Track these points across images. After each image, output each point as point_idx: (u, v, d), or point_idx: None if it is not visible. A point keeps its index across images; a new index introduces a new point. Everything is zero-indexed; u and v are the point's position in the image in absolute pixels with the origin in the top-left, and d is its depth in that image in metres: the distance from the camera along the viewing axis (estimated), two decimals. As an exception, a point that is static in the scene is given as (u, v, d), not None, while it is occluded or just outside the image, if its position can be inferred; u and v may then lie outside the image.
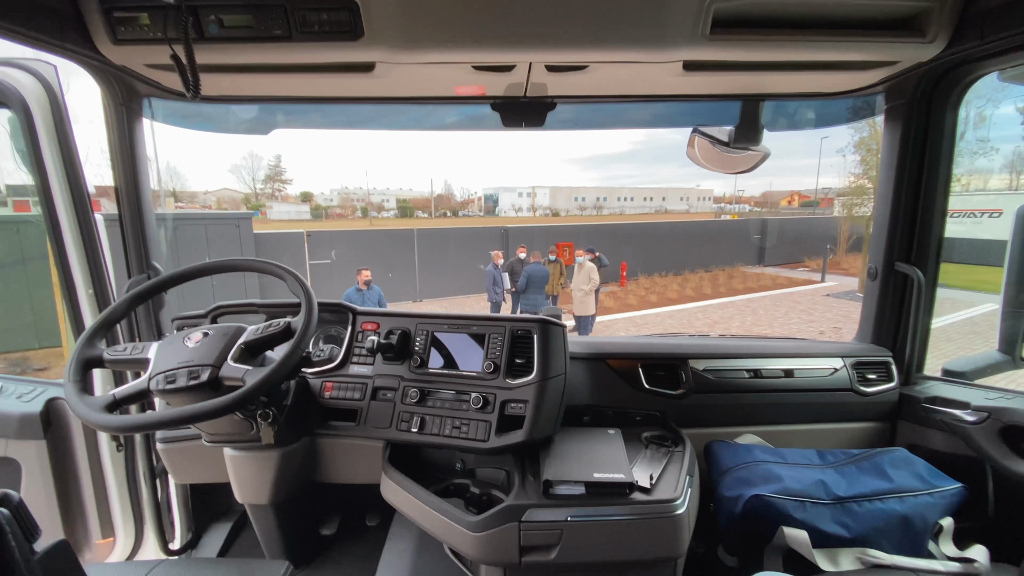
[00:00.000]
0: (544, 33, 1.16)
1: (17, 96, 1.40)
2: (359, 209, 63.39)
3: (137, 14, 1.15)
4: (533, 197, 69.48)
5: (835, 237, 19.56)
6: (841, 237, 19.32)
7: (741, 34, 1.21)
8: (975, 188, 13.16)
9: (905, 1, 1.18)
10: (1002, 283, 1.49)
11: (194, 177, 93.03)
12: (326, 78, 1.40)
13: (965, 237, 11.15)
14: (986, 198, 11.42)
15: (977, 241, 8.77)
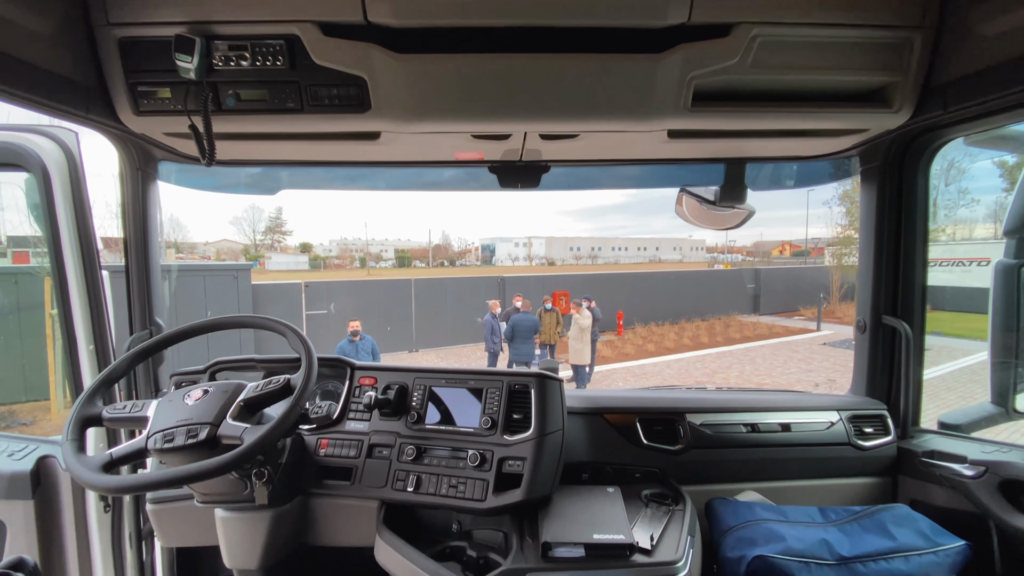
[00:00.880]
0: (538, 106, 1.26)
1: (37, 160, 1.47)
2: (357, 259, 64.08)
3: (160, 88, 1.24)
4: (529, 247, 70.64)
5: (827, 286, 19.83)
6: (833, 286, 19.59)
7: (720, 106, 1.31)
8: (961, 237, 13.53)
9: (871, 76, 1.29)
10: (988, 335, 1.53)
11: (195, 228, 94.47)
12: (333, 144, 1.48)
13: (956, 286, 11.33)
14: (972, 247, 11.72)
15: (968, 289, 8.94)
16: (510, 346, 9.71)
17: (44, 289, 6.47)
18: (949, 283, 11.43)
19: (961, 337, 10.16)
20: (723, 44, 1.21)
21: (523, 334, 9.63)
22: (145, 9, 1.15)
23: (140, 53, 1.20)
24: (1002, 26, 1.11)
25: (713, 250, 66.56)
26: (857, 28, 1.23)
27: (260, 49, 1.18)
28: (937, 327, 11.20)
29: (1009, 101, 1.17)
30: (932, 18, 1.23)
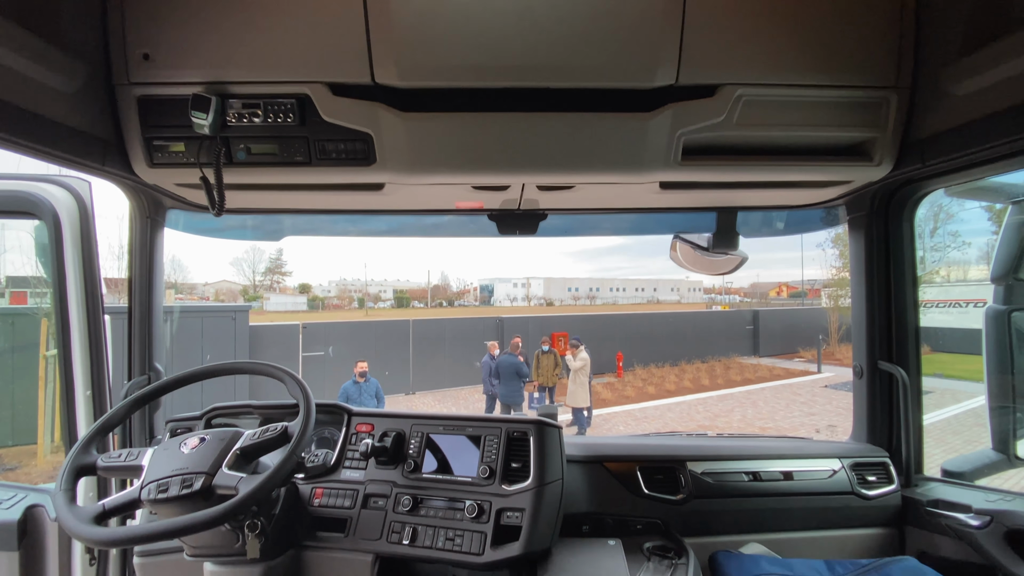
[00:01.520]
0: (535, 160, 1.32)
1: (49, 209, 1.52)
2: (356, 300, 64.12)
3: (174, 142, 1.30)
4: (527, 287, 70.93)
5: (826, 328, 19.81)
6: (831, 327, 19.57)
7: (710, 159, 1.38)
8: (956, 279, 13.65)
9: (852, 132, 1.36)
10: (984, 382, 1.53)
11: (196, 269, 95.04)
12: (338, 194, 1.54)
13: (955, 327, 11.33)
14: (967, 288, 11.81)
15: (967, 331, 8.95)
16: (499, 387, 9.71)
17: (40, 330, 6.43)
18: (947, 324, 11.44)
19: (963, 379, 10.07)
20: (710, 103, 1.28)
21: (507, 375, 9.62)
22: (165, 70, 1.23)
23: (157, 110, 1.26)
24: (972, 87, 1.18)
25: (711, 291, 66.87)
26: (835, 88, 1.31)
27: (272, 107, 1.25)
28: (938, 369, 11.12)
29: (983, 156, 1.23)
30: (906, 79, 1.32)
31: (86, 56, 1.17)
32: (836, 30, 1.27)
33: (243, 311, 12.21)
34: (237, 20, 1.20)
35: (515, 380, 9.65)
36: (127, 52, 1.22)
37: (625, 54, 1.22)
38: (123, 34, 1.21)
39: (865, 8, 1.27)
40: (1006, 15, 1.08)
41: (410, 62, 1.21)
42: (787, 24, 1.25)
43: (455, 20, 1.19)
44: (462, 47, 1.20)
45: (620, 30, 1.21)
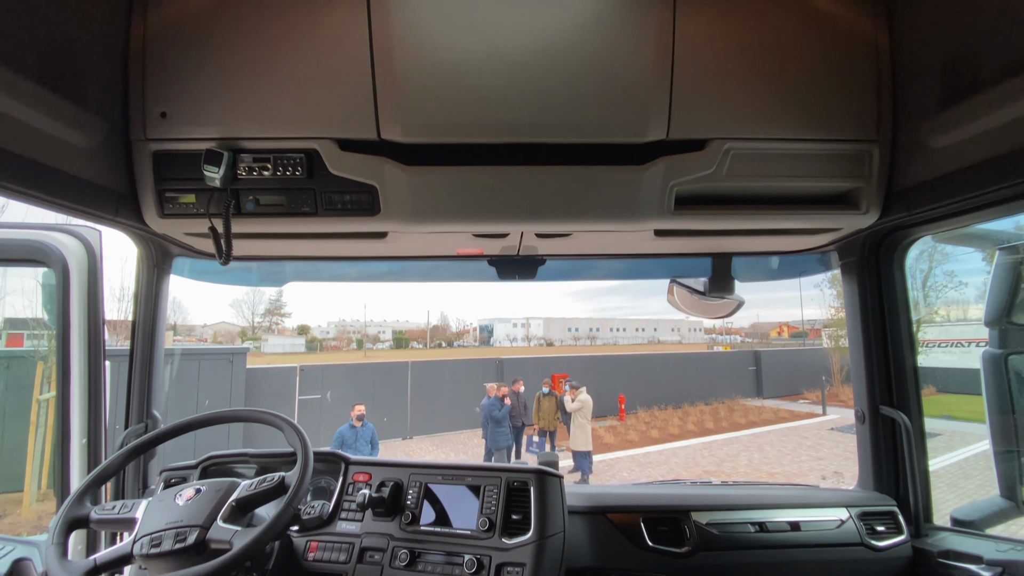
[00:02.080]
0: (533, 211, 1.37)
1: (59, 257, 1.55)
2: (354, 341, 63.74)
3: (185, 194, 1.34)
4: (527, 328, 70.69)
5: (828, 368, 19.60)
6: (834, 368, 19.37)
7: (702, 208, 1.43)
8: (956, 318, 13.62)
9: (838, 182, 1.42)
10: (987, 427, 1.52)
11: (196, 310, 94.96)
12: (342, 242, 1.58)
13: (959, 367, 11.21)
14: (968, 328, 11.78)
15: (971, 371, 8.86)
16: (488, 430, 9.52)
17: (35, 374, 6.36)
18: (951, 364, 11.32)
19: (971, 421, 9.88)
20: (700, 156, 1.34)
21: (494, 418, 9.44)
22: (181, 127, 1.29)
23: (171, 164, 1.32)
24: (951, 139, 1.24)
25: (711, 332, 66.64)
26: (819, 142, 1.37)
27: (282, 161, 1.31)
28: (946, 410, 10.93)
29: (967, 204, 1.28)
30: (886, 133, 1.38)
31: (105, 114, 1.23)
32: (817, 87, 1.35)
33: (240, 353, 12.12)
34: (252, 80, 1.28)
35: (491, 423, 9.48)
36: (145, 110, 1.29)
37: (618, 112, 1.29)
38: (142, 93, 1.28)
39: (843, 66, 1.36)
40: (977, 73, 1.15)
41: (414, 120, 1.28)
42: (770, 82, 1.33)
43: (457, 81, 1.26)
44: (463, 106, 1.27)
45: (612, 90, 1.28)
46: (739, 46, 1.32)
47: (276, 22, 1.28)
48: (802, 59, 1.34)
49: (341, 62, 1.27)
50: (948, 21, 1.21)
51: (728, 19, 1.32)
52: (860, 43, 1.36)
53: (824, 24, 1.35)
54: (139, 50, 1.28)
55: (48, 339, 6.67)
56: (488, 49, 1.27)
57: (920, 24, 1.29)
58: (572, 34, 1.27)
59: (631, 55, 1.28)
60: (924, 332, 13.77)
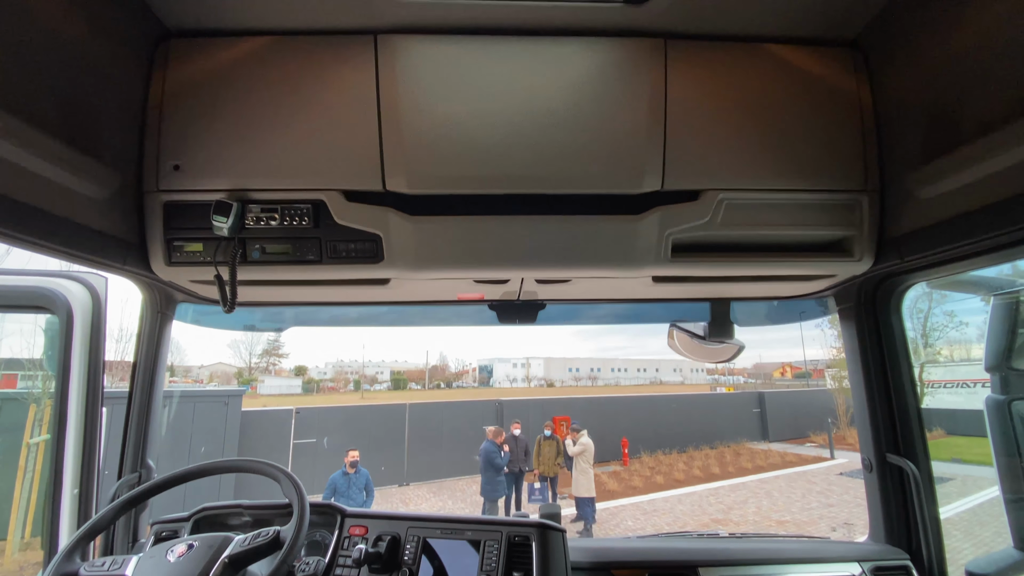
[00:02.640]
0: (533, 258, 1.40)
1: (64, 304, 1.56)
2: (352, 382, 62.87)
3: (193, 243, 1.37)
4: (527, 368, 69.88)
5: (834, 410, 19.25)
6: (839, 410, 19.02)
7: (698, 256, 1.46)
8: (959, 358, 13.47)
9: (831, 230, 1.45)
10: (996, 475, 1.49)
11: (193, 351, 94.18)
12: (345, 288, 1.60)
13: (966, 409, 10.99)
14: (972, 368, 11.65)
15: (979, 412, 8.67)
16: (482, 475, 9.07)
17: (27, 416, 6.22)
18: (958, 406, 11.12)
19: (983, 464, 9.61)
20: (694, 206, 1.39)
21: (489, 463, 9.01)
22: (193, 179, 1.34)
23: (180, 214, 1.35)
24: (938, 189, 1.28)
25: (714, 372, 65.87)
26: (810, 192, 1.42)
27: (289, 211, 1.35)
28: (955, 454, 10.64)
29: (957, 253, 1.30)
30: (874, 183, 1.43)
31: (120, 166, 1.28)
32: (805, 140, 1.41)
33: (236, 395, 11.92)
34: (263, 134, 1.33)
35: (491, 471, 9.01)
36: (159, 163, 1.34)
37: (613, 165, 1.35)
38: (157, 147, 1.34)
39: (829, 120, 1.42)
40: (958, 126, 1.20)
41: (418, 172, 1.33)
42: (759, 135, 1.39)
43: (460, 136, 1.32)
44: (466, 159, 1.33)
45: (608, 144, 1.34)
46: (728, 102, 1.39)
47: (288, 80, 1.35)
48: (788, 114, 1.41)
49: (350, 118, 1.33)
50: (927, 77, 1.28)
51: (717, 78, 1.40)
52: (843, 98, 1.43)
53: (807, 81, 1.43)
54: (156, 106, 1.34)
55: (43, 380, 6.57)
56: (489, 106, 1.33)
57: (900, 80, 1.36)
58: (568, 92, 1.35)
59: (625, 111, 1.35)
60: (928, 373, 13.61)
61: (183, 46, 1.36)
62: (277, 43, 1.36)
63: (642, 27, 1.35)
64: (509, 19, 1.33)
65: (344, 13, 1.30)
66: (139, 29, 1.30)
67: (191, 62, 1.35)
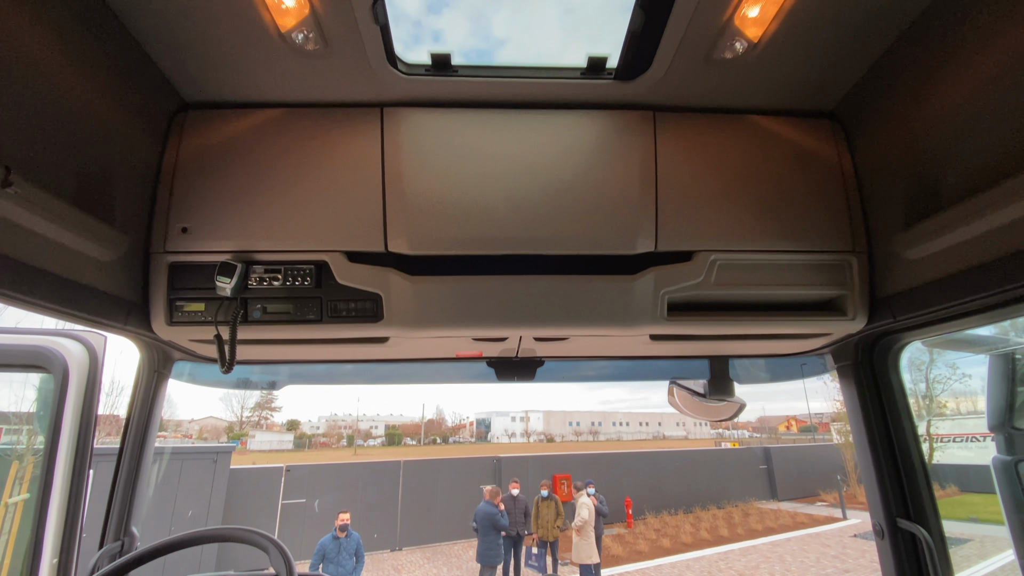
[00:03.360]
0: (531, 317, 1.41)
1: (61, 363, 1.56)
2: (345, 437, 60.99)
3: (195, 303, 1.39)
4: (526, 421, 68.09)
5: (842, 467, 18.65)
6: (848, 466, 18.42)
7: (694, 315, 1.48)
8: (966, 411, 13.19)
9: (823, 290, 1.48)
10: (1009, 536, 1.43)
11: (184, 403, 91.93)
12: (343, 347, 1.60)
13: (978, 464, 10.65)
14: (980, 420, 11.39)
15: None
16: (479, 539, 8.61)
17: (8, 473, 5.98)
18: (970, 461, 10.77)
19: (1001, 524, 9.18)
20: (688, 267, 1.42)
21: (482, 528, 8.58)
22: (200, 241, 1.38)
23: (185, 274, 1.38)
24: (925, 251, 1.31)
25: (718, 426, 64.24)
26: (800, 253, 1.46)
27: (292, 272, 1.38)
28: (972, 512, 10.21)
29: (948, 313, 1.32)
30: (862, 245, 1.47)
31: (129, 230, 1.32)
32: (792, 204, 1.47)
33: (225, 452, 11.52)
34: (270, 198, 1.39)
35: (492, 534, 8.56)
36: (168, 226, 1.38)
37: (608, 227, 1.40)
38: (167, 211, 1.38)
39: (814, 185, 1.49)
40: (938, 192, 1.25)
41: (420, 234, 1.37)
42: (747, 199, 1.45)
43: (460, 200, 1.38)
44: (466, 222, 1.38)
45: (602, 208, 1.40)
46: (715, 168, 1.47)
47: (297, 148, 1.42)
48: (774, 179, 1.48)
49: (355, 183, 1.40)
50: (904, 145, 1.35)
51: (704, 146, 1.48)
52: (825, 165, 1.50)
53: (790, 149, 1.51)
54: (169, 172, 1.40)
55: (28, 435, 6.37)
56: (488, 172, 1.40)
57: (878, 148, 1.43)
58: (563, 159, 1.42)
59: (618, 177, 1.42)
60: (936, 427, 13.29)
61: (199, 117, 1.44)
62: (288, 114, 1.45)
63: (632, 101, 1.45)
64: (507, 94, 1.43)
65: (354, 88, 1.40)
66: (159, 101, 1.38)
67: (205, 131, 1.43)
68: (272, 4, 1.13)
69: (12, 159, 0.96)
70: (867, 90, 1.42)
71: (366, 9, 1.13)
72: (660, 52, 1.28)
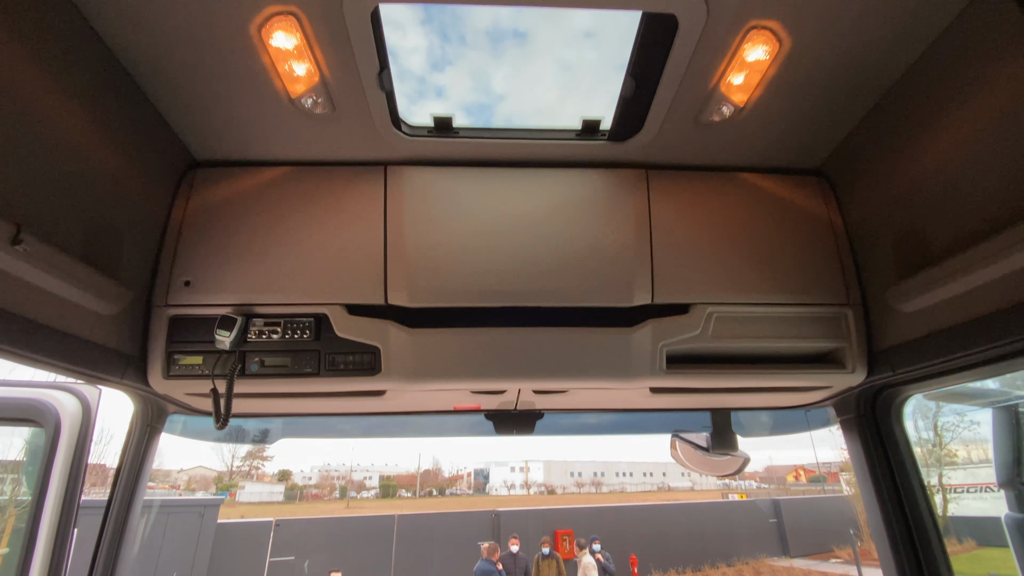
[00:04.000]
0: (530, 369, 1.41)
1: (54, 417, 1.53)
2: (338, 488, 58.73)
3: (193, 356, 1.38)
4: (526, 472, 65.81)
5: (855, 519, 17.90)
6: (860, 519, 17.66)
7: (694, 368, 1.47)
8: (978, 459, 12.80)
9: (821, 342, 1.48)
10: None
11: (173, 452, 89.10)
12: (339, 400, 1.58)
13: (995, 516, 10.19)
14: (992, 470, 11.00)
15: (1010, 520, 8.04)
16: None
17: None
18: (985, 512, 10.33)
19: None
20: (685, 319, 1.44)
21: None
22: (201, 295, 1.39)
23: (184, 327, 1.39)
24: (917, 305, 1.32)
25: (724, 477, 61.88)
26: (796, 306, 1.48)
27: (291, 325, 1.38)
28: (991, 568, 9.69)
29: (948, 366, 1.31)
30: (856, 297, 1.49)
31: (133, 284, 1.33)
32: (785, 258, 1.50)
33: (213, 505, 11.10)
34: (274, 253, 1.42)
35: None
36: (171, 279, 1.40)
37: (605, 280, 1.42)
38: (171, 265, 1.41)
39: (805, 240, 1.52)
40: (927, 246, 1.28)
41: (420, 286, 1.40)
42: (741, 253, 1.49)
43: (461, 253, 1.41)
44: (466, 274, 1.41)
45: (600, 261, 1.43)
46: (708, 223, 1.51)
47: (302, 204, 1.47)
48: (766, 234, 1.51)
49: (358, 238, 1.43)
50: (891, 201, 1.39)
51: (696, 202, 1.53)
52: (815, 220, 1.55)
53: (780, 205, 1.56)
54: (176, 227, 1.44)
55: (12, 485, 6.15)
56: (488, 227, 1.44)
57: (865, 204, 1.48)
58: (560, 214, 1.47)
59: (613, 232, 1.46)
60: (948, 477, 12.86)
61: (207, 174, 1.49)
62: (295, 171, 1.51)
63: (625, 160, 1.51)
64: (506, 154, 1.49)
65: (359, 149, 1.46)
66: (169, 160, 1.43)
67: (213, 188, 1.48)
68: (284, 72, 1.20)
69: (24, 216, 0.98)
70: (852, 149, 1.48)
71: (372, 77, 1.20)
72: (651, 116, 1.35)
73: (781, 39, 1.14)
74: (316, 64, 1.17)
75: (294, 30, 1.09)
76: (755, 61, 1.20)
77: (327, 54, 1.15)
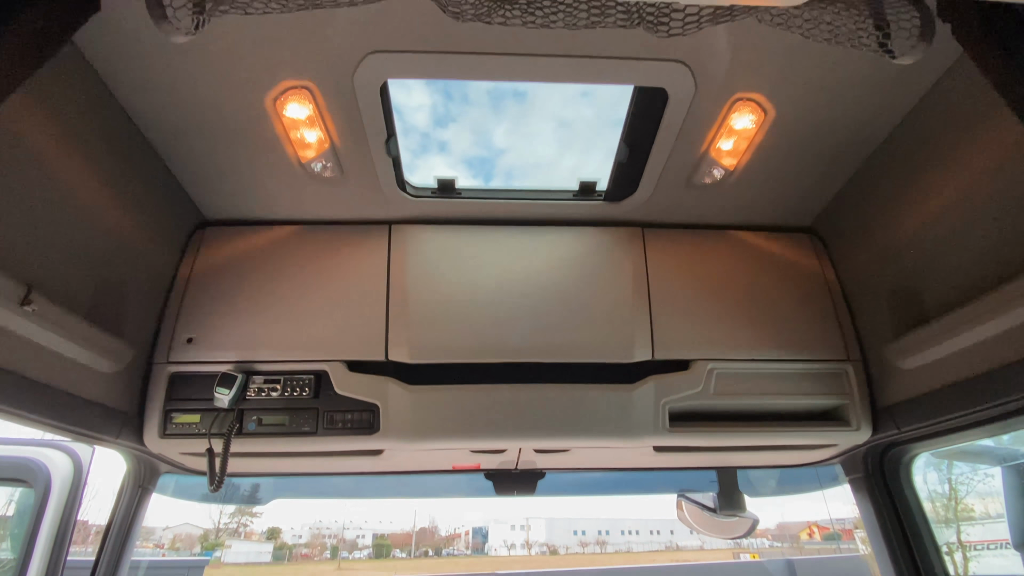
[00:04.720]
0: (531, 427, 1.40)
1: (44, 476, 1.50)
2: (329, 548, 55.75)
3: (190, 414, 1.37)
4: (527, 531, 62.69)
5: (876, 583, 16.88)
6: (882, 583, 16.68)
7: (697, 426, 1.45)
8: (996, 513, 12.21)
9: (824, 399, 1.47)
10: None
11: (159, 509, 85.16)
12: (335, 460, 1.55)
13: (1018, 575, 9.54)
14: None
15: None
16: None
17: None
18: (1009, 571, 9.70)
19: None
20: (686, 376, 1.44)
21: None
22: (203, 352, 1.40)
23: (184, 385, 1.38)
24: (916, 362, 1.32)
25: (735, 533, 58.74)
26: (797, 362, 1.48)
27: (291, 382, 1.38)
28: (1024, 638, 9.02)
29: (953, 424, 1.29)
30: (856, 353, 1.50)
31: (136, 342, 1.34)
32: (782, 314, 1.51)
33: (197, 568, 10.51)
34: (276, 310, 1.44)
35: None
36: (174, 337, 1.41)
37: (605, 336, 1.44)
38: (175, 322, 1.42)
39: (802, 296, 1.55)
40: (921, 304, 1.30)
41: (421, 343, 1.41)
42: (737, 309, 1.51)
43: (462, 309, 1.44)
44: (467, 331, 1.42)
45: (599, 318, 1.45)
46: (705, 280, 1.54)
47: (307, 263, 1.50)
48: (763, 290, 1.54)
49: (360, 295, 1.46)
50: (884, 258, 1.42)
51: (692, 260, 1.57)
52: (809, 277, 1.58)
53: (774, 262, 1.59)
54: (182, 285, 1.46)
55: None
56: (488, 284, 1.48)
57: (858, 261, 1.51)
58: (559, 272, 1.50)
59: (612, 289, 1.49)
60: (966, 533, 12.23)
61: (216, 233, 1.54)
62: (301, 231, 1.56)
63: (621, 219, 1.57)
64: (506, 213, 1.55)
65: (365, 209, 1.52)
66: (179, 219, 1.48)
67: (221, 247, 1.52)
68: (296, 139, 1.27)
69: (35, 277, 0.99)
70: (842, 207, 1.53)
71: (380, 144, 1.27)
72: (645, 179, 1.41)
73: (766, 109, 1.21)
74: (327, 132, 1.24)
75: (307, 101, 1.16)
76: (742, 129, 1.27)
77: (338, 123, 1.22)
